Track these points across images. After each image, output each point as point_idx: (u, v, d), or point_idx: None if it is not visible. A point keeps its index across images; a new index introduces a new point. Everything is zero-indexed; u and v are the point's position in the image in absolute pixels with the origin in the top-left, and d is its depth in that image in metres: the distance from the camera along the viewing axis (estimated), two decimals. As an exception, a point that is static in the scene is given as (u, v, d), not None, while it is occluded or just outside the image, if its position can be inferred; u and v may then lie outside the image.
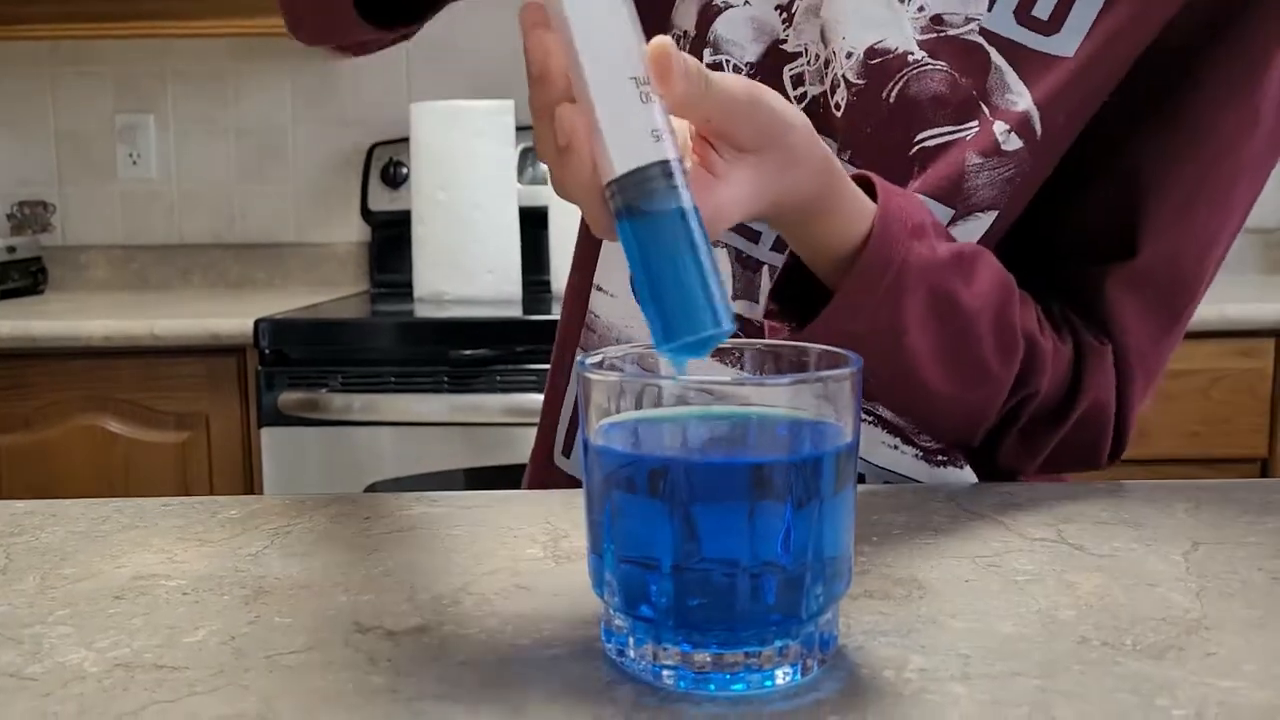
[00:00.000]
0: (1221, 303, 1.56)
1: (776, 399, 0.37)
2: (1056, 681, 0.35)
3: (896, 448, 0.62)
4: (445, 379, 1.52)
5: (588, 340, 0.70)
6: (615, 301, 0.69)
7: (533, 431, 0.82)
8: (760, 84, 0.43)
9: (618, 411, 0.36)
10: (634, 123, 0.37)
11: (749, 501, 0.34)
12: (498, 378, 1.52)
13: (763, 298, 0.62)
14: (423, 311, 1.73)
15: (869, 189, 0.51)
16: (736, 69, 0.62)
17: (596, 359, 0.38)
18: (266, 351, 1.55)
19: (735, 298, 0.63)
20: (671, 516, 0.34)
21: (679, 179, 0.37)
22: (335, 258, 2.19)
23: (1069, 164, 0.59)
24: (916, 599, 0.43)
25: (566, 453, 0.73)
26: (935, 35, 0.57)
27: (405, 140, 1.98)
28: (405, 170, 2.04)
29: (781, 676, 0.35)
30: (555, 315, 1.61)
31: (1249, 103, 0.58)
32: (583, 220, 0.73)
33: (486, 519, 0.54)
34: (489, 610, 0.42)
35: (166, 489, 1.62)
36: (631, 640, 0.36)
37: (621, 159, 0.37)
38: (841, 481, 0.36)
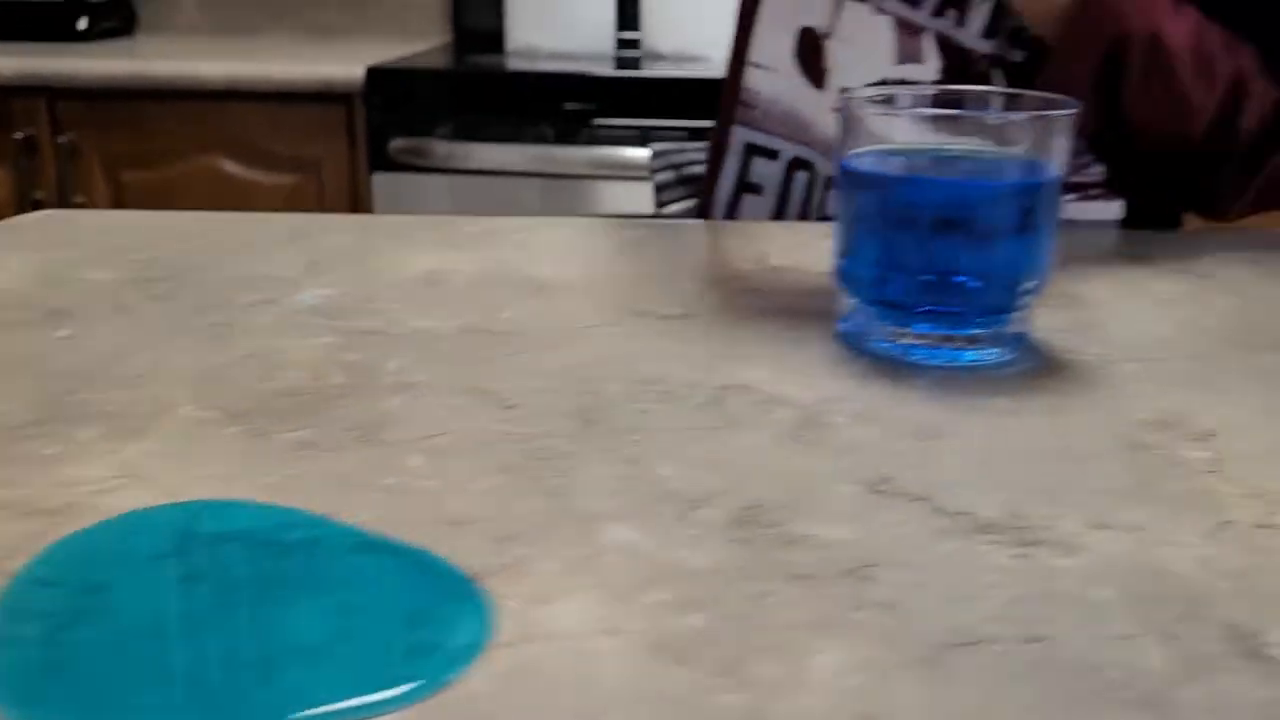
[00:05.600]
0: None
1: (1002, 138, 0.45)
2: (1201, 365, 0.45)
3: None
4: (550, 131, 1.59)
5: (745, 116, 0.76)
6: (773, 76, 0.75)
7: (630, 185, 0.86)
8: None
9: (871, 142, 0.45)
10: None
11: (976, 220, 0.43)
12: (599, 132, 1.58)
13: (926, 59, 0.68)
14: (519, 64, 1.78)
15: None
16: None
17: (859, 94, 0.46)
18: (377, 99, 1.62)
19: (899, 63, 0.69)
20: (915, 231, 0.43)
21: None
22: (416, 5, 2.20)
23: None
24: (1078, 308, 0.52)
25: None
26: None
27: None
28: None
29: (994, 354, 0.45)
30: (649, 72, 1.66)
31: None
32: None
33: (698, 240, 0.63)
34: (731, 304, 0.52)
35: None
36: (878, 325, 0.46)
37: None
38: (1048, 208, 0.44)
